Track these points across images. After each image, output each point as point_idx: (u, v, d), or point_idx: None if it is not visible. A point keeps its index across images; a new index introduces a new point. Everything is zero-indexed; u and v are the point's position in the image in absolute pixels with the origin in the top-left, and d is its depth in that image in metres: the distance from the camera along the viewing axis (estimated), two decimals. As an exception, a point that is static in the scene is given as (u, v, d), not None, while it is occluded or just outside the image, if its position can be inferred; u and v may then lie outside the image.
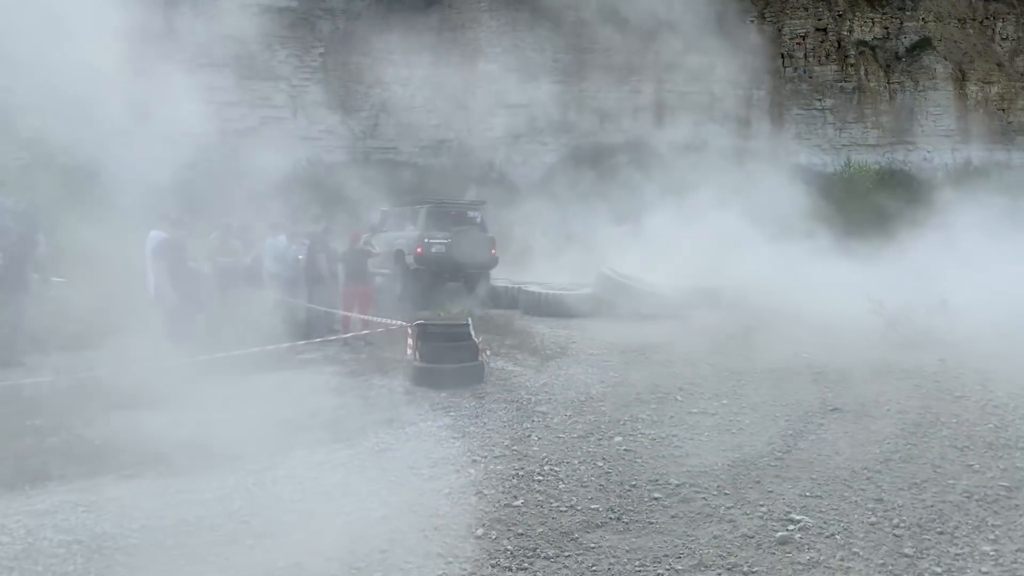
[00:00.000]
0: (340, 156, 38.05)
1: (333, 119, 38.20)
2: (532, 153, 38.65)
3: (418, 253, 17.81)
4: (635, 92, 39.98)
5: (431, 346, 10.12)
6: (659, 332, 14.15)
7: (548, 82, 38.76)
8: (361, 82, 38.35)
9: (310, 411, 8.98)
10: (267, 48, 37.52)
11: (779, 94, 41.90)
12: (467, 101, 38.40)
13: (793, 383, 10.26)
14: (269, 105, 37.45)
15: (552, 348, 12.58)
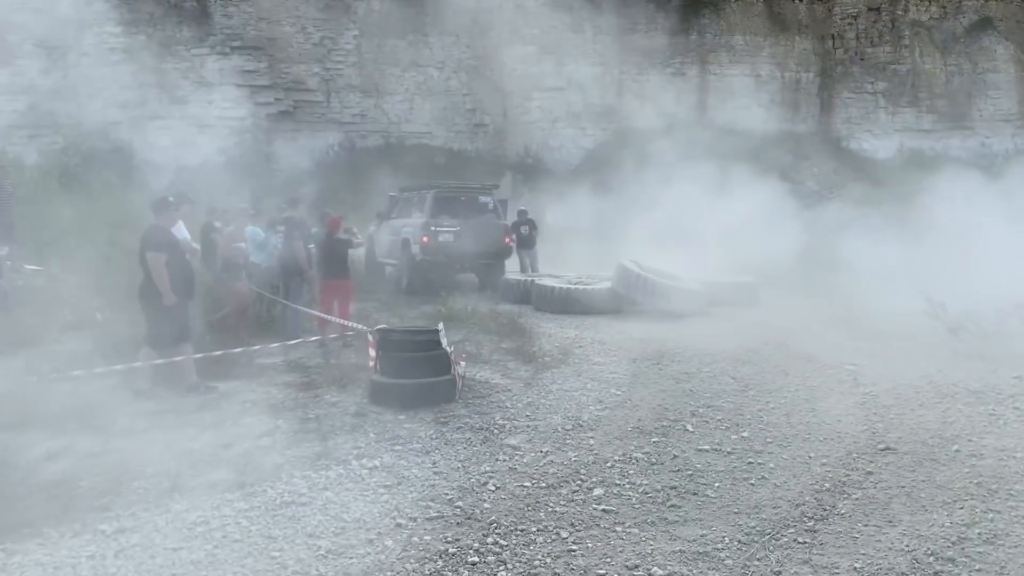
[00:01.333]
0: (374, 141, 36.23)
1: (367, 103, 36.38)
2: (569, 138, 36.40)
3: (424, 242, 15.82)
4: (678, 75, 37.47)
5: (392, 358, 8.13)
6: (681, 334, 12.00)
7: (587, 64, 36.45)
8: (396, 65, 36.41)
9: (228, 439, 7.05)
10: (301, 31, 35.81)
11: (829, 77, 39.07)
12: (503, 84, 36.27)
13: (835, 407, 8.08)
14: (302, 88, 35.72)
15: (552, 354, 10.51)
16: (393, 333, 8.24)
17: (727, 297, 14.92)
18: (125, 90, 34.58)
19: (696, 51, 37.83)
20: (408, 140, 36.30)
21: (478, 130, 36.70)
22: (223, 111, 34.94)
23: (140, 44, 34.52)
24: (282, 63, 35.44)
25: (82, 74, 34.26)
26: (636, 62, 37.17)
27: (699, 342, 11.35)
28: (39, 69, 33.88)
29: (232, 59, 34.95)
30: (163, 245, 8.59)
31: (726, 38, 38.28)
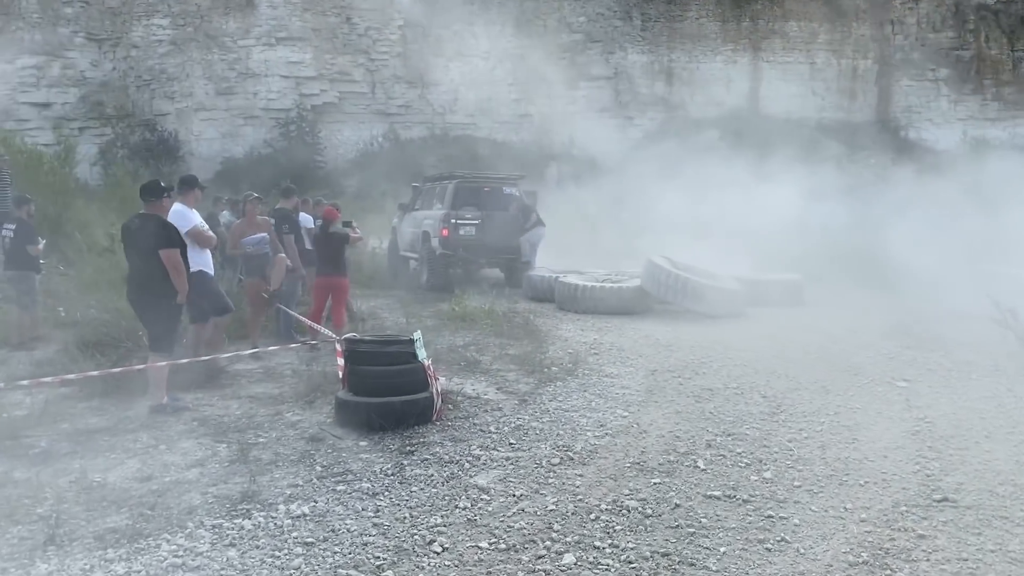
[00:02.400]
0: (418, 132, 35.06)
1: (412, 93, 35.22)
2: (616, 128, 34.79)
3: (444, 235, 14.53)
4: (729, 62, 35.59)
5: (360, 372, 6.84)
6: (711, 340, 10.53)
7: (635, 52, 34.80)
8: (441, 55, 35.16)
9: (152, 470, 5.84)
10: (346, 21, 34.77)
11: (887, 64, 36.77)
12: (549, 73, 34.79)
13: (881, 436, 6.58)
14: (347, 79, 34.70)
15: (562, 363, 9.13)
16: (361, 344, 6.94)
17: (768, 297, 13.39)
18: (172, 81, 33.96)
19: (749, 38, 35.90)
20: (452, 131, 35.08)
21: (523, 120, 35.32)
22: (268, 102, 34.10)
23: (187, 36, 33.84)
24: (327, 54, 34.46)
25: (130, 66, 33.73)
26: (686, 50, 35.40)
27: (730, 350, 9.88)
28: (89, 61, 33.42)
29: (278, 50, 34.08)
30: (175, 239, 7.48)
31: (780, 24, 36.25)
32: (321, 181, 32.60)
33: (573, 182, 31.53)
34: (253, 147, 33.52)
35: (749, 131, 31.75)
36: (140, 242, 7.49)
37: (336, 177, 33.33)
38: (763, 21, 36.13)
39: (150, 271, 7.42)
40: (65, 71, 32.93)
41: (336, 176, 33.40)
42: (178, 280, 7.37)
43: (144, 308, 7.57)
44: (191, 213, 8.25)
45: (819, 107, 36.06)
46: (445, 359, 9.22)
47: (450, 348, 9.87)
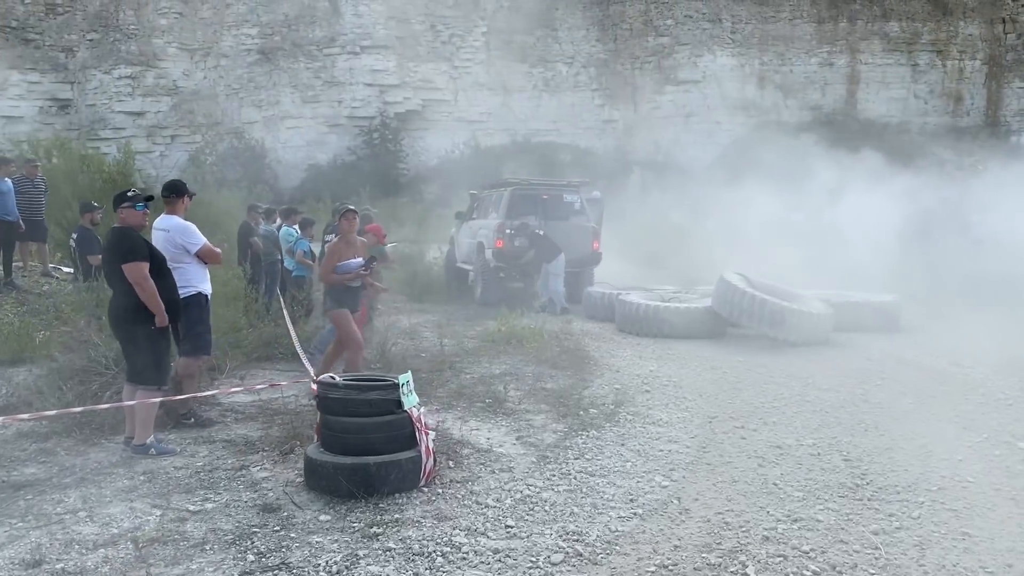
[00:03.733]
0: (499, 139, 33.74)
1: (494, 100, 33.93)
2: (704, 133, 32.72)
3: (498, 247, 13.03)
4: (825, 65, 33.10)
5: (331, 424, 5.38)
6: (789, 374, 8.72)
7: (724, 55, 32.67)
8: (524, 61, 33.77)
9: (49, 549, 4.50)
10: (430, 28, 33.72)
11: (998, 65, 33.66)
12: (633, 78, 33.00)
13: (1001, 532, 4.76)
14: (431, 87, 33.63)
15: (605, 403, 7.49)
16: (333, 388, 5.45)
17: (860, 321, 11.41)
18: (260, 90, 33.52)
19: (846, 39, 33.36)
20: (534, 137, 33.65)
21: (606, 126, 33.63)
22: (352, 110, 33.33)
23: (275, 45, 33.35)
24: (411, 61, 33.49)
25: (220, 75, 33.44)
26: (778, 52, 33.08)
27: (809, 390, 8.06)
28: (182, 71, 33.26)
29: (362, 58, 33.29)
30: (138, 250, 6.18)
31: (880, 25, 33.59)
32: (403, 188, 31.66)
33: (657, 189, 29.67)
34: (337, 154, 32.78)
35: (845, 136, 29.29)
36: (108, 259, 6.24)
37: (417, 184, 32.32)
38: (862, 21, 33.54)
39: (121, 293, 6.15)
40: (159, 80, 32.84)
41: (417, 183, 32.39)
42: (148, 299, 6.08)
43: (121, 336, 6.32)
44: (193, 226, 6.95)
45: (921, 111, 33.27)
46: (469, 394, 7.72)
47: (480, 379, 8.35)
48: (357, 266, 7.98)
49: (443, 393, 7.85)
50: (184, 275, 6.67)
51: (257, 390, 7.47)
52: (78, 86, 31.96)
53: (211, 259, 6.91)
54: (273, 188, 30.64)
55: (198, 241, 6.75)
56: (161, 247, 6.67)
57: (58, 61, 31.80)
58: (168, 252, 6.64)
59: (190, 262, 6.71)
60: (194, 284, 6.73)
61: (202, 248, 6.77)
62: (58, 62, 31.79)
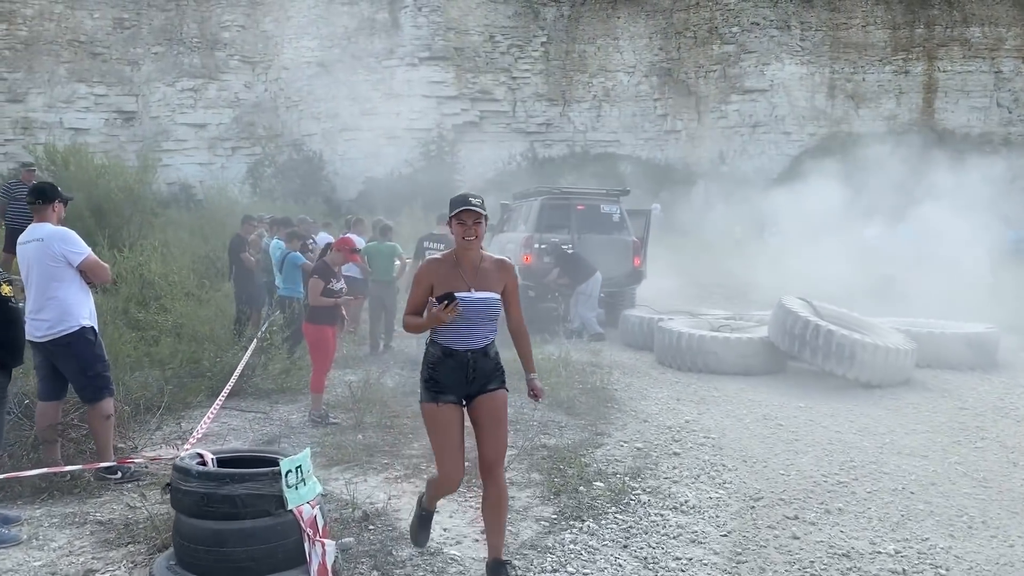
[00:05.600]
0: (558, 150, 31.88)
1: (553, 111, 32.09)
2: (771, 144, 30.30)
3: (525, 263, 11.19)
4: (900, 73, 30.35)
5: (184, 529, 3.60)
6: (861, 428, 6.67)
7: (793, 63, 30.19)
8: (584, 71, 31.87)
9: None
10: (488, 39, 32.10)
11: (1090, 71, 30.40)
12: (697, 87, 30.78)
13: None
14: (489, 98, 31.99)
15: (615, 473, 5.57)
16: (187, 476, 3.67)
17: (947, 356, 9.22)
18: (319, 102, 32.35)
19: (923, 46, 30.51)
20: (594, 148, 31.69)
21: (669, 137, 31.45)
22: (410, 122, 31.87)
23: (334, 57, 32.15)
24: (469, 72, 31.90)
25: (280, 87, 32.39)
26: (850, 60, 30.43)
27: (888, 454, 6.02)
28: (243, 83, 32.31)
29: (420, 70, 31.82)
30: None
31: (960, 30, 30.62)
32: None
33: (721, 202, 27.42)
34: (394, 167, 31.34)
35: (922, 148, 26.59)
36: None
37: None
38: (940, 27, 30.64)
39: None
40: (220, 93, 31.95)
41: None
42: None
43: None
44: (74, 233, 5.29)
45: (1005, 120, 30.18)
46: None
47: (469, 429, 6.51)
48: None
49: (417, 450, 6.06)
50: (60, 307, 5.01)
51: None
52: (142, 98, 31.25)
53: (98, 276, 5.25)
54: (330, 200, 29.37)
55: (82, 250, 5.11)
56: (34, 261, 5.04)
57: (123, 74, 31.13)
58: (44, 268, 5.01)
59: (69, 284, 5.05)
60: (75, 316, 5.07)
61: (87, 260, 5.11)
62: (123, 75, 31.13)
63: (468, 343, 3.75)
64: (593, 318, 11.00)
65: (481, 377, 3.80)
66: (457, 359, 3.76)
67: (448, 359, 3.76)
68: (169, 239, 14.39)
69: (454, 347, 3.75)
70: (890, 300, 14.24)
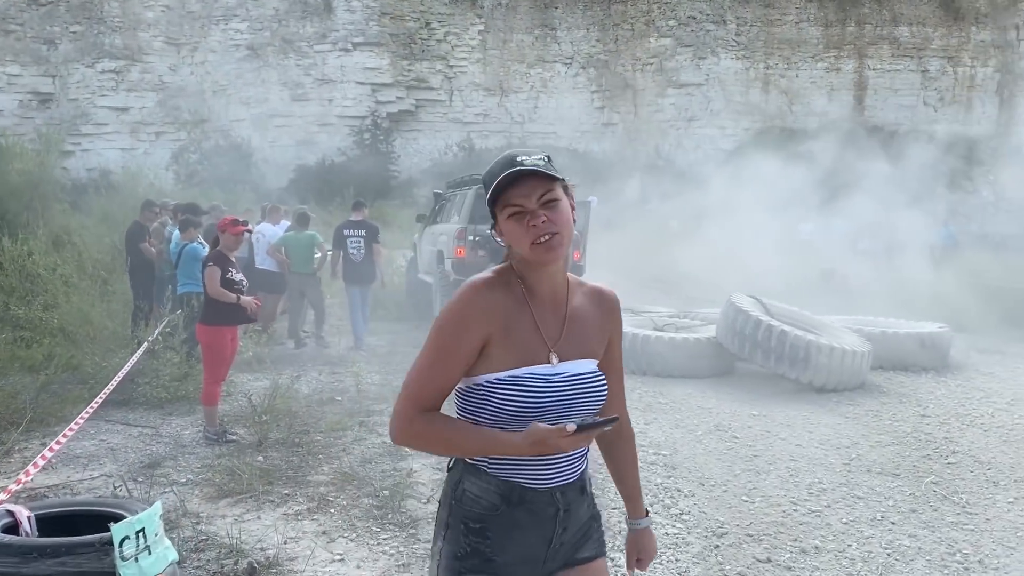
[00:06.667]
0: (495, 141, 30.96)
1: (490, 101, 31.17)
2: (707, 138, 29.90)
3: (458, 257, 10.27)
4: (832, 70, 30.26)
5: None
6: (824, 443, 5.94)
7: (728, 58, 29.85)
8: (522, 61, 31.01)
9: None
10: (425, 26, 30.98)
11: (1010, 72, 30.75)
12: (634, 80, 30.20)
13: None
14: (425, 87, 30.90)
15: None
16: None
17: (900, 356, 8.61)
18: (248, 87, 30.81)
19: (854, 44, 30.48)
20: (531, 140, 30.80)
21: (606, 129, 30.82)
22: (344, 109, 30.61)
23: (264, 40, 30.65)
24: (405, 60, 30.75)
25: (207, 71, 30.73)
26: (784, 56, 30.23)
27: (858, 472, 5.32)
28: (168, 66, 30.55)
29: (354, 56, 30.55)
30: None
31: (889, 29, 30.70)
32: (394, 190, 28.96)
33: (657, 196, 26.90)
34: (326, 155, 30.04)
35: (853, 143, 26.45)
36: None
37: (408, 187, 29.61)
38: (870, 25, 30.66)
39: None
40: (144, 75, 30.15)
41: (409, 186, 29.68)
42: None
43: None
44: None
45: (931, 118, 30.35)
46: (362, 478, 4.98)
47: (392, 448, 5.60)
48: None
49: (326, 475, 5.10)
50: None
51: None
52: (60, 80, 29.26)
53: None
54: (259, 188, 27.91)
55: None
56: None
57: (39, 53, 29.07)
58: None
59: None
60: None
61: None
62: (39, 54, 29.06)
63: (556, 473, 1.81)
64: (530, 316, 10.17)
65: (572, 538, 1.89)
66: (535, 507, 1.81)
67: (516, 509, 1.80)
68: (72, 227, 13.06)
69: (531, 482, 1.80)
70: (832, 296, 13.74)
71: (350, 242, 9.66)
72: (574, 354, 1.80)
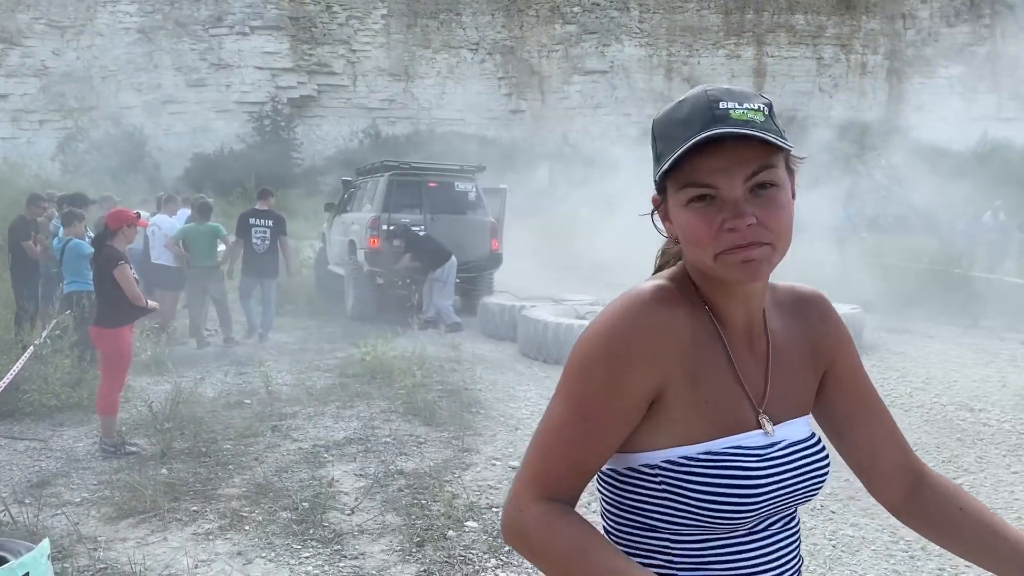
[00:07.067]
0: (402, 128, 30.36)
1: (396, 87, 30.51)
2: (612, 125, 30.04)
3: (372, 247, 9.84)
4: (732, 57, 30.79)
5: None
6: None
7: (632, 45, 30.02)
8: (427, 46, 30.44)
9: None
10: (326, 9, 30.05)
11: (899, 60, 31.98)
12: (540, 67, 30.06)
13: None
14: (327, 72, 30.01)
15: (490, 506, 4.43)
16: None
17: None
18: (140, 72, 29.30)
19: (752, 31, 31.10)
20: (439, 127, 30.34)
21: (514, 116, 30.59)
22: (242, 95, 29.44)
23: (156, 24, 29.16)
24: (305, 44, 29.77)
25: (95, 56, 29.06)
26: (686, 43, 30.59)
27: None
28: (51, 50, 28.75)
29: (252, 39, 29.38)
30: None
31: (786, 17, 31.48)
32: (298, 179, 28.06)
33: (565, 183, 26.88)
34: (225, 143, 28.87)
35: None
36: None
37: (313, 175, 28.76)
38: (768, 13, 31.36)
39: None
40: (24, 60, 28.29)
41: (313, 174, 28.83)
42: None
43: None
44: None
45: (826, 104, 31.32)
46: (278, 490, 4.56)
47: (309, 453, 5.19)
48: None
49: (239, 487, 4.66)
50: None
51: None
52: (-70, 64, 27.23)
53: None
54: (154, 179, 26.59)
55: None
56: None
57: (-94, 36, 27.00)
58: None
59: None
60: None
61: None
62: (-94, 37, 27.00)
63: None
64: (450, 306, 9.79)
65: None
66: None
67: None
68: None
69: None
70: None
71: (255, 232, 9.06)
72: (785, 412, 1.13)
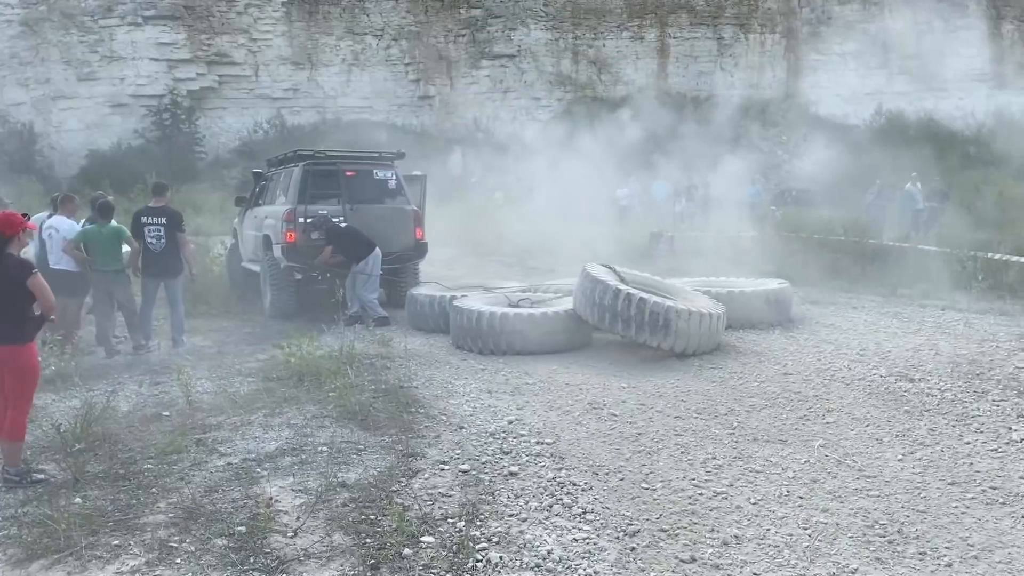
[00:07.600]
0: (308, 117, 29.41)
1: (300, 75, 29.49)
2: (522, 109, 29.80)
3: (289, 241, 9.33)
4: (636, 39, 30.92)
5: None
6: (702, 413, 5.66)
7: (538, 28, 29.80)
8: (331, 33, 29.51)
9: None
10: (223, -3, 28.78)
11: (795, 39, 32.72)
12: (448, 52, 29.55)
13: None
14: (227, 62, 28.77)
15: (444, 517, 4.11)
16: None
17: (750, 313, 8.59)
18: (25, 67, 27.50)
19: (655, 12, 31.27)
20: (346, 115, 29.53)
21: (423, 103, 30.02)
22: (138, 88, 27.97)
23: (40, 15, 27.38)
24: (203, 34, 28.47)
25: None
26: (591, 25, 30.55)
27: (746, 442, 5.07)
28: (-76, 44, 26.69)
29: (146, 30, 27.92)
30: None
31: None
32: (202, 173, 26.87)
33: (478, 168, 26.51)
34: (122, 138, 27.40)
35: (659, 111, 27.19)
36: None
37: (218, 169, 27.61)
38: (669, -5, 31.58)
39: None
40: None
41: (217, 167, 27.67)
42: None
43: None
44: None
45: (728, 83, 31.80)
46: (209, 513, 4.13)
47: (240, 469, 4.75)
48: None
49: (165, 513, 4.20)
50: None
51: None
52: None
53: None
54: (47, 178, 25.03)
55: None
56: None
57: None
58: None
59: None
60: None
61: None
62: None
63: None
64: (375, 300, 9.35)
65: None
66: None
67: None
68: None
69: None
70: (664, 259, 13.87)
71: (148, 231, 8.38)
72: None
